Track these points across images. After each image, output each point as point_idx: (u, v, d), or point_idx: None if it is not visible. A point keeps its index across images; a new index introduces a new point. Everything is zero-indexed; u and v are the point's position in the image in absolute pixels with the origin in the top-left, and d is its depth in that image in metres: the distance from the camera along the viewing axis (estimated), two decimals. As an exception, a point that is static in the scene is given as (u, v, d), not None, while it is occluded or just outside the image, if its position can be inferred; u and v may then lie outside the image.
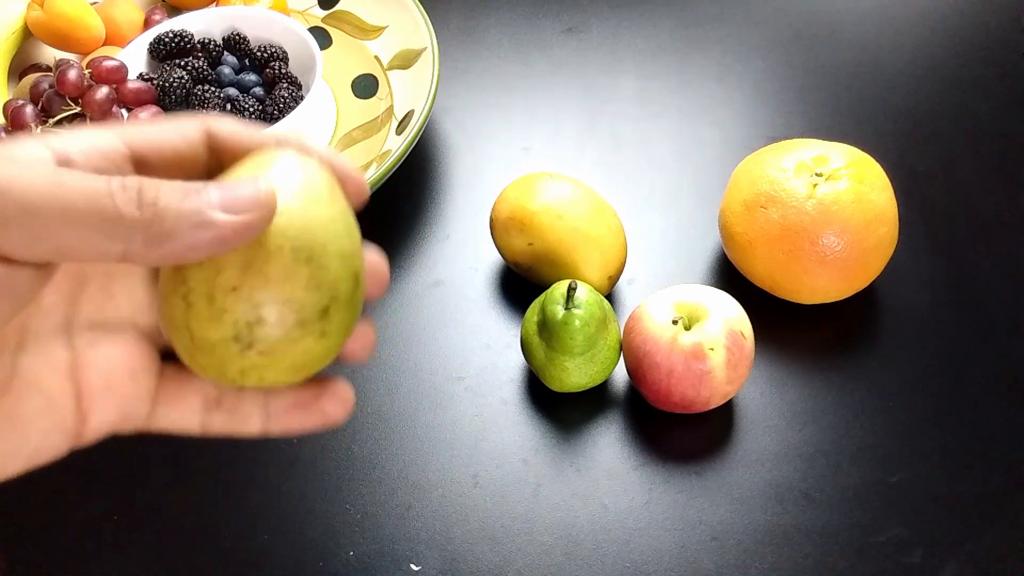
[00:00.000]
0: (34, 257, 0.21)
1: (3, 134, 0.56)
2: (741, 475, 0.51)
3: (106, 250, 0.21)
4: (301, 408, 0.28)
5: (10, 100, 0.58)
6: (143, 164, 0.25)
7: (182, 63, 0.63)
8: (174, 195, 0.22)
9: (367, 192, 0.28)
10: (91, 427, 0.26)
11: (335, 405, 0.28)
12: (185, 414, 0.27)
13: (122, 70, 0.59)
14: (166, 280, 0.24)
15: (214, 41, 0.66)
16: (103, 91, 0.57)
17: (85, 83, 0.57)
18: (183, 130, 0.25)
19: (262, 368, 0.25)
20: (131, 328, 0.27)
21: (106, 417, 0.26)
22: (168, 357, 0.28)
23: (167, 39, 0.64)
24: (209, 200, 0.22)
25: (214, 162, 0.26)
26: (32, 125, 0.56)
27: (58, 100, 0.57)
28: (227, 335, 0.24)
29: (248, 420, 0.28)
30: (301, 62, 0.66)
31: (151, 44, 0.65)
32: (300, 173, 0.25)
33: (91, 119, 0.57)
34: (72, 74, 0.56)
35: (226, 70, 0.65)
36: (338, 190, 0.26)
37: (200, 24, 0.67)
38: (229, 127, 0.26)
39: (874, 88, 0.71)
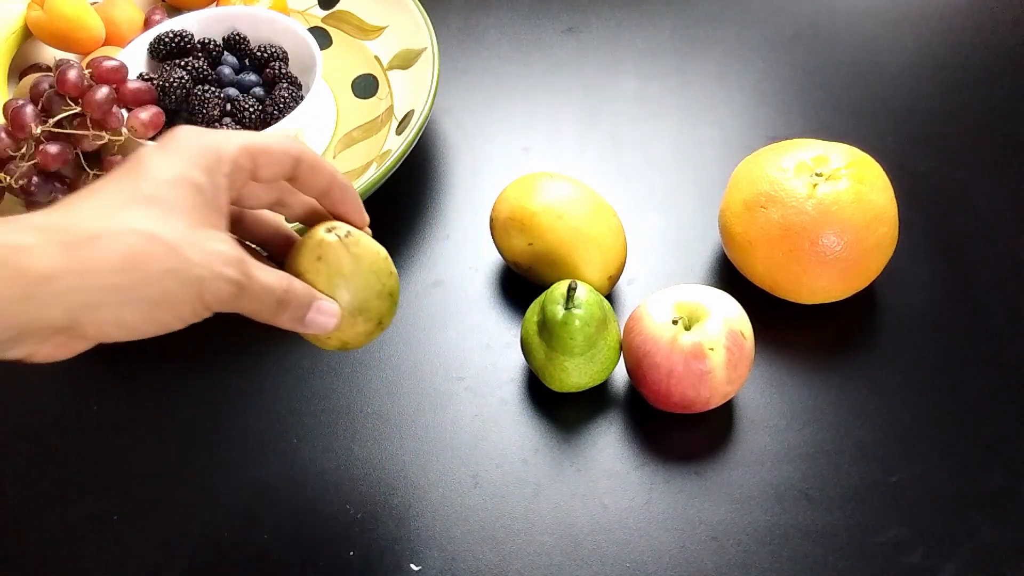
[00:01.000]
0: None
1: (3, 135, 0.56)
2: (741, 475, 0.51)
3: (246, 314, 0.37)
4: None
5: (10, 100, 0.58)
6: (255, 171, 0.37)
7: (182, 63, 0.63)
8: (296, 312, 0.38)
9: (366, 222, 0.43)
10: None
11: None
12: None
13: (122, 70, 0.59)
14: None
15: (214, 41, 0.66)
16: (103, 91, 0.57)
17: (85, 83, 0.57)
18: (287, 150, 0.38)
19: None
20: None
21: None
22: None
23: (167, 39, 0.64)
24: (303, 323, 0.39)
25: (294, 173, 0.39)
26: (32, 125, 0.56)
27: (58, 100, 0.57)
28: (369, 333, 0.42)
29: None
30: (301, 62, 0.66)
31: (151, 44, 0.65)
32: (351, 257, 0.40)
33: (91, 119, 0.57)
34: (72, 74, 0.56)
35: (226, 70, 0.65)
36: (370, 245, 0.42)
37: (200, 24, 0.67)
38: (311, 157, 0.39)
39: (874, 88, 0.71)
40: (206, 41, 0.66)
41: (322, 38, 0.72)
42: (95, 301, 0.31)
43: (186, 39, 0.65)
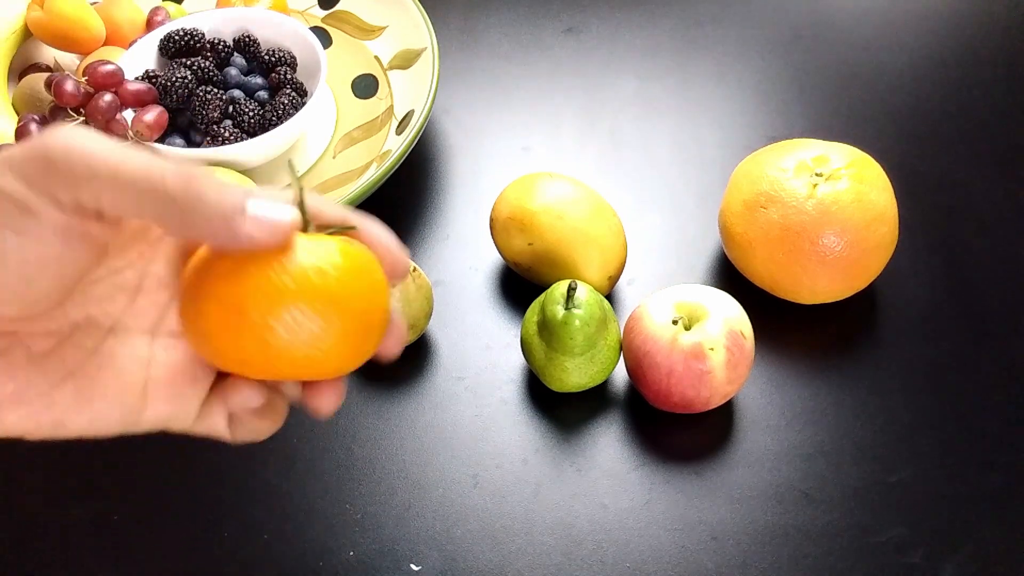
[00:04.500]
0: (95, 204, 0.25)
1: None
2: (741, 475, 0.51)
3: (145, 211, 0.26)
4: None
5: (21, 121, 0.58)
6: None
7: (188, 62, 0.63)
8: (213, 197, 0.26)
9: (404, 270, 0.32)
10: (146, 417, 0.30)
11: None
12: (220, 423, 0.32)
13: (118, 73, 0.58)
14: None
15: (224, 42, 0.66)
16: (106, 98, 0.56)
17: (83, 91, 0.57)
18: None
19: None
20: None
21: (161, 411, 0.30)
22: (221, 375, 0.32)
23: (177, 37, 0.64)
24: (241, 221, 0.26)
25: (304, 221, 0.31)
26: None
27: (60, 112, 0.57)
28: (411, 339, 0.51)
29: (259, 431, 0.33)
30: (307, 67, 0.66)
31: (161, 41, 0.65)
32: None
33: (95, 127, 0.57)
34: (69, 86, 0.56)
35: (233, 71, 0.65)
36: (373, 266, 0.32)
37: (211, 24, 0.67)
38: (314, 201, 0.30)
39: (874, 88, 0.71)
40: (216, 41, 0.66)
41: (322, 38, 0.72)
42: None
43: (196, 38, 0.65)
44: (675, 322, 0.49)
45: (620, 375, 0.55)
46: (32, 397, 0.28)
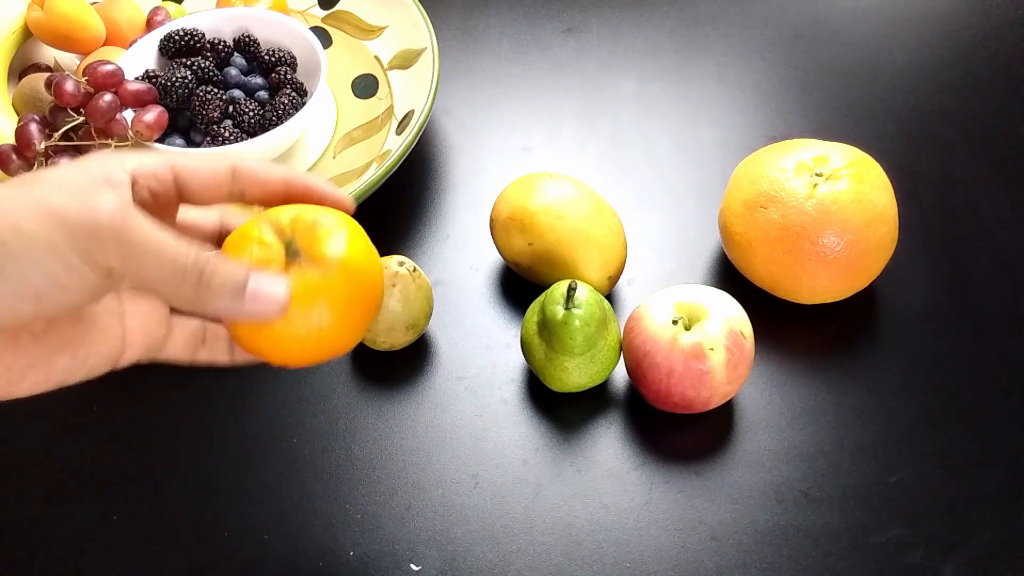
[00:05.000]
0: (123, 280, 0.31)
1: (14, 156, 0.56)
2: (741, 475, 0.51)
3: (163, 296, 0.34)
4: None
5: (20, 120, 0.58)
6: (182, 184, 0.34)
7: (188, 62, 0.63)
8: (223, 288, 0.32)
9: (350, 208, 0.37)
10: (126, 357, 0.36)
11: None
12: (180, 351, 0.38)
13: (118, 73, 0.58)
14: None
15: (224, 42, 0.66)
16: (106, 98, 0.56)
17: (83, 91, 0.57)
18: (215, 165, 0.35)
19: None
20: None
21: (137, 351, 0.37)
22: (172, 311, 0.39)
23: (177, 37, 0.64)
24: (241, 303, 0.32)
25: (236, 187, 0.35)
26: (37, 141, 0.55)
27: (61, 112, 0.57)
28: (411, 339, 0.54)
29: (219, 355, 0.39)
30: (307, 67, 0.66)
31: (161, 41, 0.65)
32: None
33: (95, 127, 0.57)
34: (69, 86, 0.56)
35: (233, 71, 0.65)
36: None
37: (211, 24, 0.66)
38: (249, 165, 0.35)
39: (874, 88, 0.71)
40: (216, 41, 0.65)
41: (322, 38, 0.72)
42: None
43: (196, 38, 0.65)
44: (675, 322, 0.49)
45: (620, 375, 0.55)
46: (40, 366, 0.33)
